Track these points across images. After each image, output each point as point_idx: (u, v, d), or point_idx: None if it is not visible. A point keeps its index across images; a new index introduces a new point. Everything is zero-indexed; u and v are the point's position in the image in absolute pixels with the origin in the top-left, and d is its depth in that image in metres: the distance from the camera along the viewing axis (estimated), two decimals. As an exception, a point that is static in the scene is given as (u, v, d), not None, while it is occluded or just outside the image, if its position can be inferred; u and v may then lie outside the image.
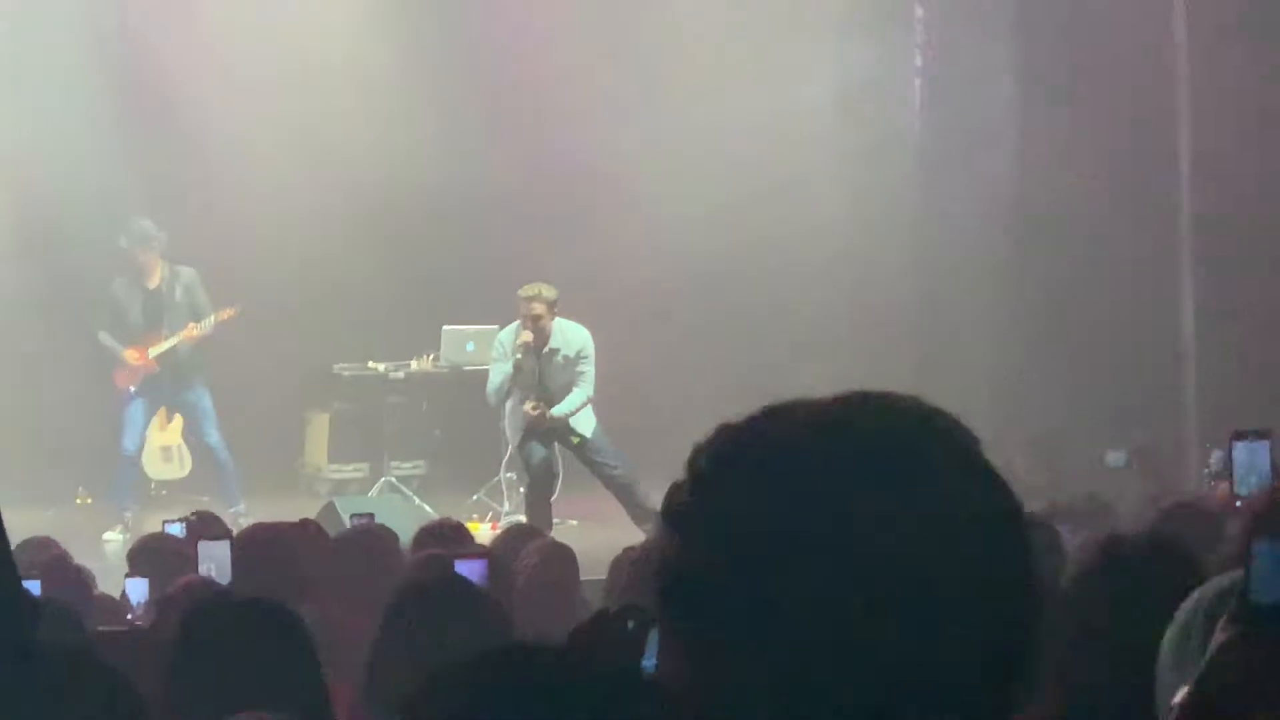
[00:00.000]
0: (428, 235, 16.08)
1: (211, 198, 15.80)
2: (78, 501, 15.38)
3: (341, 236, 15.92)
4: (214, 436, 14.62)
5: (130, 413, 14.69)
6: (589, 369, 13.16)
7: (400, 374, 15.59)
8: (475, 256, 15.94)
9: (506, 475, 14.21)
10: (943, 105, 16.01)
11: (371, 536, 7.36)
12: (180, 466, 15.55)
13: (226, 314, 14.65)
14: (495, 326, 14.07)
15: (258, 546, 6.93)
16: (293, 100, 16.07)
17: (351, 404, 16.00)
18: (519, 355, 12.99)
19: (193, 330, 14.53)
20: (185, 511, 9.32)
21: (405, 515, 11.25)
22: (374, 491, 14.89)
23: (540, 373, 13.11)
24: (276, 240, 15.76)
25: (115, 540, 13.74)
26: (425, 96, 16.06)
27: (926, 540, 1.52)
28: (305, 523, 7.80)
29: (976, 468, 1.58)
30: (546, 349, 13.07)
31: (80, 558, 8.31)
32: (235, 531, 7.93)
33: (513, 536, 8.40)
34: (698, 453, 1.60)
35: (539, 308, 13.02)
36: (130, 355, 14.64)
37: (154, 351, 14.60)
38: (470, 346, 15.13)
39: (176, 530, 8.13)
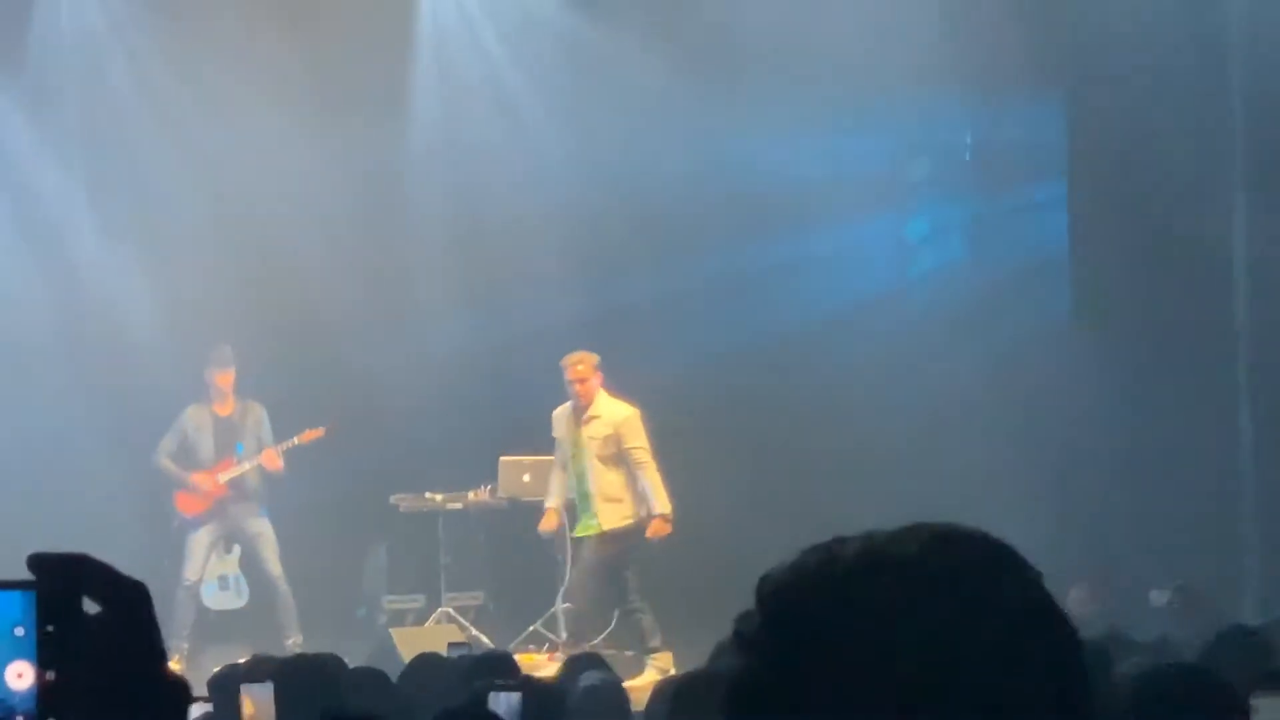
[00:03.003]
0: (485, 368, 16.15)
1: (275, 326, 15.92)
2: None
3: (398, 370, 16.00)
4: (277, 568, 14.62)
5: (192, 542, 14.66)
6: (642, 449, 12.79)
7: (458, 505, 15.62)
8: (532, 388, 15.97)
9: (564, 606, 14.18)
10: (995, 240, 16.12)
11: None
12: (238, 596, 15.53)
13: (312, 434, 14.73)
14: (552, 459, 14.08)
15: (300, 677, 6.90)
16: (361, 237, 16.26)
17: (409, 535, 16.01)
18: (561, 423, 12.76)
19: (273, 455, 14.59)
20: (239, 643, 9.28)
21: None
22: (430, 622, 14.88)
23: (575, 444, 12.83)
24: (333, 373, 15.84)
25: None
26: (485, 232, 16.23)
27: (986, 673, 1.57)
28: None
29: (1037, 603, 1.63)
30: (586, 416, 12.84)
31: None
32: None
33: (571, 667, 8.40)
34: (767, 582, 1.65)
35: (582, 369, 12.77)
36: (200, 479, 14.65)
37: (224, 476, 14.63)
38: (527, 478, 15.14)
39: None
